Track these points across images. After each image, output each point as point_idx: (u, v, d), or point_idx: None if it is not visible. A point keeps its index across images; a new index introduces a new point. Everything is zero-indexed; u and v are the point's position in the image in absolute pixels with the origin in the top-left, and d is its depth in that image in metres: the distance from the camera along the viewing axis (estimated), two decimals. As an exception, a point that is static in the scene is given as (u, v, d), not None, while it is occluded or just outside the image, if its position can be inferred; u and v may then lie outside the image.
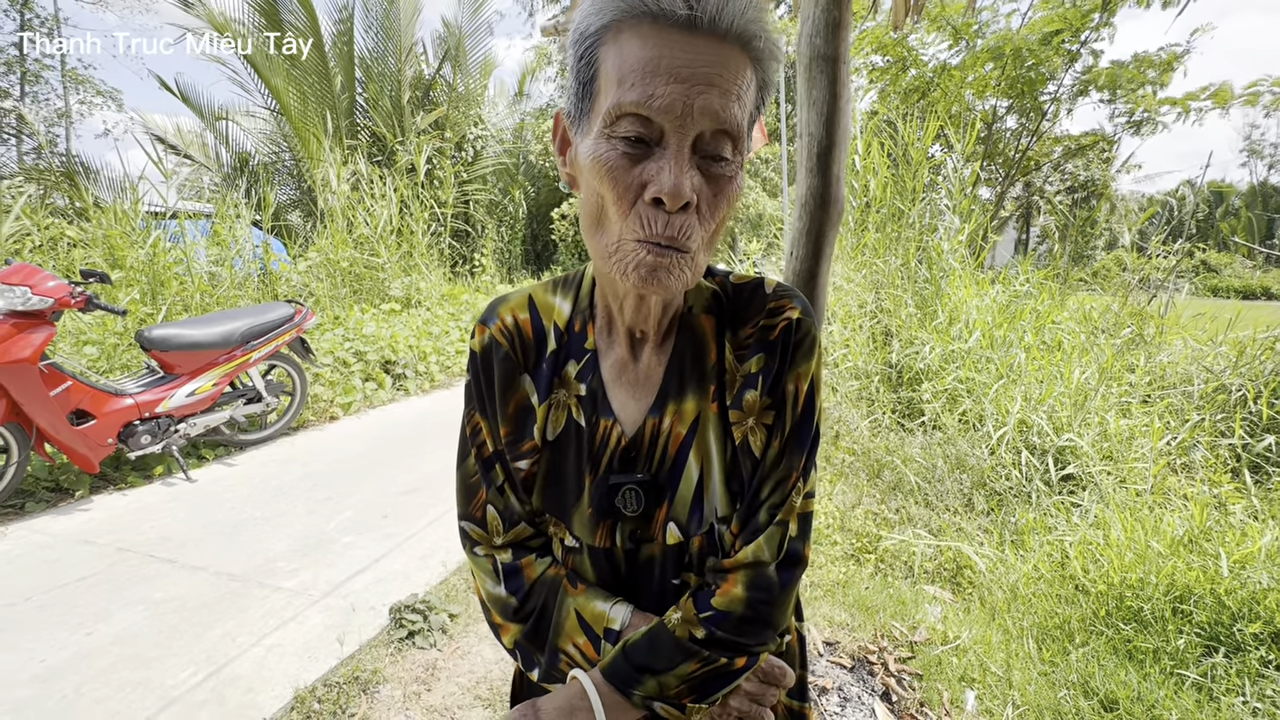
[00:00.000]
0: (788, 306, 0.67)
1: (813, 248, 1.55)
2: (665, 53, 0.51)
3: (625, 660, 0.62)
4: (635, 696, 0.61)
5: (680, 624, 0.63)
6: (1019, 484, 3.05)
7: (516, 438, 0.69)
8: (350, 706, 1.83)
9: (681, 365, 0.67)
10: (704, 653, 0.62)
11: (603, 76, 0.54)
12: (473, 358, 0.70)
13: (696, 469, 0.66)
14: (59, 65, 19.12)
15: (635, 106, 0.51)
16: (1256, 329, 3.82)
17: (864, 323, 4.70)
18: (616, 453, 0.66)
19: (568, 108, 0.60)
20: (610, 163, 0.53)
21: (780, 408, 0.66)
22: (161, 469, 3.57)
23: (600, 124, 0.54)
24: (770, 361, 0.66)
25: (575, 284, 0.72)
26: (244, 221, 6.39)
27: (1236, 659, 1.90)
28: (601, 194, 0.55)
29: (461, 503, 0.73)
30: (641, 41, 0.52)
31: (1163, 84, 10.31)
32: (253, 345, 3.78)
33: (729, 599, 0.63)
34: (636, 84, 0.51)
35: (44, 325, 2.93)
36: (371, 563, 2.64)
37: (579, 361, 0.69)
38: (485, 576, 0.71)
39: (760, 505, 0.66)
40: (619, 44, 0.53)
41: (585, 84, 0.56)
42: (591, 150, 0.55)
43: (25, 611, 2.25)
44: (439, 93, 11.57)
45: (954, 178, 5.15)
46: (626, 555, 0.68)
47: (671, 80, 0.51)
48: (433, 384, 5.91)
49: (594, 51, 0.55)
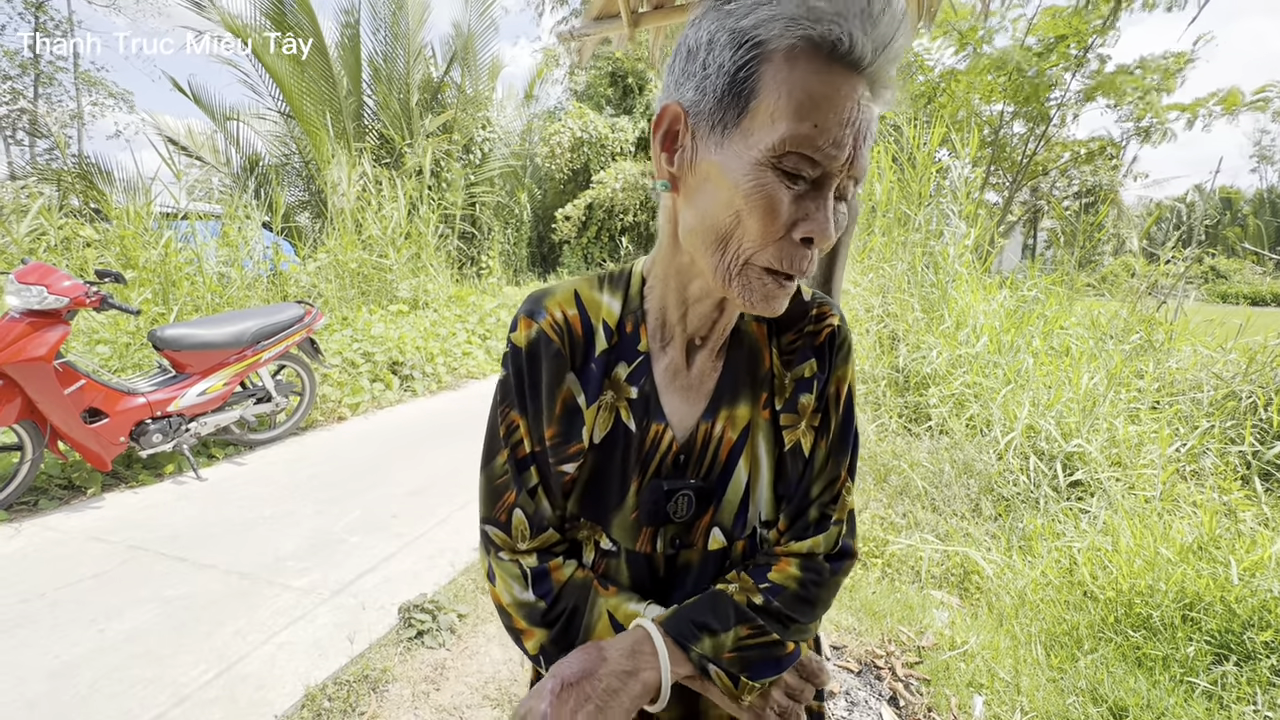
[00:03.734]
0: (829, 314, 0.70)
1: (828, 253, 1.56)
2: (841, 95, 0.50)
3: (685, 616, 0.63)
4: (693, 652, 0.62)
5: (739, 590, 0.65)
6: (1027, 489, 3.04)
7: (564, 440, 0.66)
8: (360, 705, 1.85)
9: (736, 372, 0.69)
10: (758, 620, 0.63)
11: (766, 96, 0.51)
12: (516, 353, 0.67)
13: (745, 474, 0.67)
14: (71, 67, 19.33)
15: (811, 150, 0.50)
16: (1267, 335, 3.79)
17: (871, 326, 4.70)
18: (667, 457, 0.66)
19: (696, 103, 0.55)
20: (773, 195, 0.52)
21: (826, 411, 0.69)
22: (172, 467, 3.60)
23: (764, 151, 0.51)
24: (821, 367, 0.69)
25: (624, 283, 0.70)
26: (254, 222, 6.44)
27: (1247, 667, 1.88)
28: (744, 217, 0.53)
29: (485, 505, 0.70)
30: (819, 76, 0.50)
31: (1168, 90, 10.28)
32: (263, 345, 3.82)
33: (785, 575, 0.66)
34: (820, 125, 0.50)
35: (59, 324, 2.97)
36: (380, 562, 2.65)
37: (630, 364, 0.68)
38: (511, 581, 0.68)
39: (810, 504, 0.68)
40: (794, 70, 0.50)
41: (740, 94, 0.52)
42: (748, 175, 0.52)
43: (39, 608, 2.27)
44: (447, 95, 11.64)
45: (960, 182, 5.15)
46: (665, 560, 0.68)
47: (848, 126, 0.50)
48: (440, 385, 5.93)
49: (759, 65, 0.51)
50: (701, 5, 0.56)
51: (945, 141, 5.90)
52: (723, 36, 0.52)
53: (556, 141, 13.26)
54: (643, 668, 0.60)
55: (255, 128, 9.92)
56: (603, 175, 13.11)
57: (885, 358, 4.41)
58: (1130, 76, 10.13)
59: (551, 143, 13.40)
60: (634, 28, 2.10)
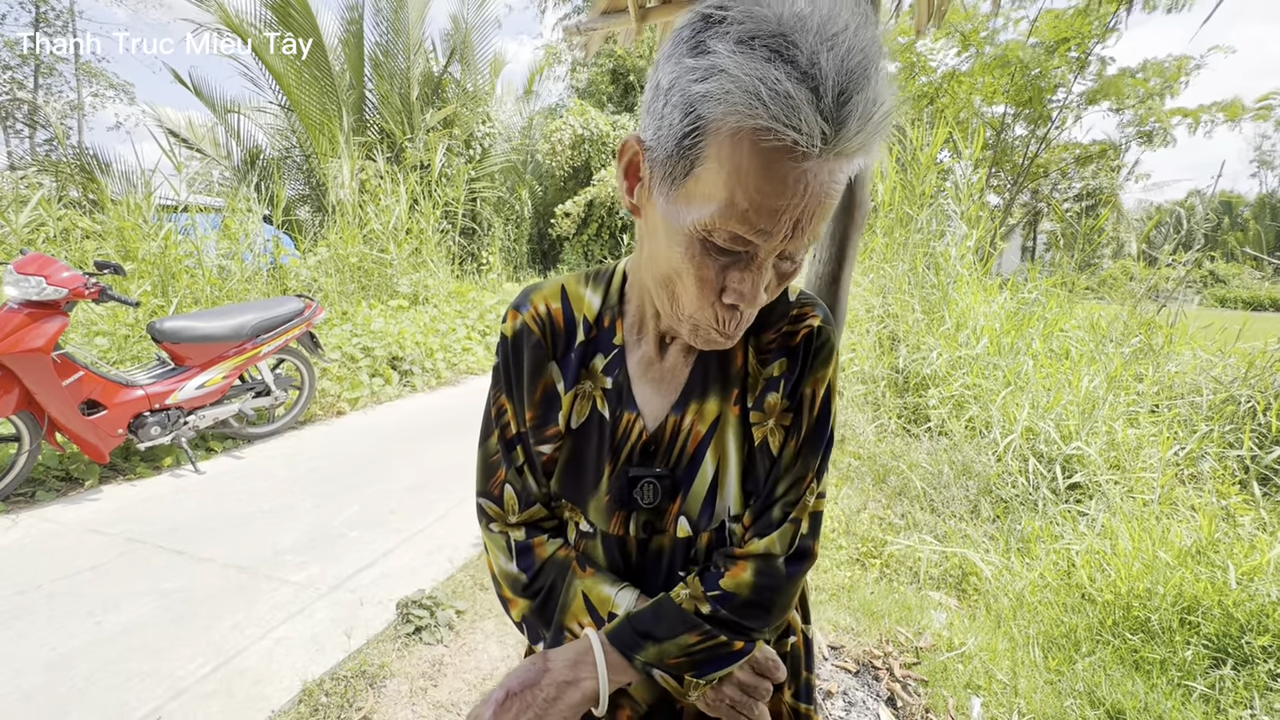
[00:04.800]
0: (810, 314, 0.70)
1: (836, 251, 1.56)
2: (785, 187, 0.47)
3: (629, 626, 0.66)
4: (636, 660, 0.65)
5: (687, 599, 0.67)
6: (1025, 492, 3.04)
7: (542, 422, 0.71)
8: (357, 700, 1.84)
9: (706, 367, 0.70)
10: (706, 626, 0.65)
11: (706, 168, 0.49)
12: (504, 341, 0.73)
13: (712, 467, 0.69)
14: (72, 58, 19.25)
15: (743, 231, 0.50)
16: (1267, 341, 3.80)
17: (871, 327, 4.70)
18: (637, 446, 0.69)
19: (653, 149, 0.53)
20: (700, 265, 0.54)
21: (799, 411, 0.69)
22: (170, 460, 3.60)
23: (696, 225, 0.51)
24: (792, 366, 0.69)
25: (606, 280, 0.74)
26: (255, 216, 6.42)
27: (1245, 671, 1.89)
28: (681, 278, 0.56)
29: (481, 480, 0.76)
30: (764, 166, 0.46)
31: (1173, 93, 10.29)
32: (263, 339, 3.80)
33: (737, 581, 0.67)
34: (755, 217, 0.48)
35: (58, 315, 2.95)
36: (378, 557, 2.65)
37: (606, 355, 0.71)
38: (499, 552, 0.75)
39: (774, 502, 0.69)
40: (738, 151, 0.47)
41: (686, 156, 0.50)
42: (684, 243, 0.53)
43: (36, 600, 2.26)
44: (449, 90, 11.62)
45: (962, 183, 5.15)
46: (638, 544, 0.71)
47: (783, 214, 0.48)
48: (439, 381, 5.92)
49: (704, 134, 0.48)
50: (671, 40, 0.52)
51: (948, 142, 5.90)
52: (675, 96, 0.49)
53: (558, 138, 13.25)
54: (583, 677, 0.64)
55: (256, 121, 9.90)
56: (604, 173, 13.09)
57: (885, 358, 4.41)
58: (1133, 79, 10.13)
59: (553, 139, 13.37)
60: (641, 22, 2.10)
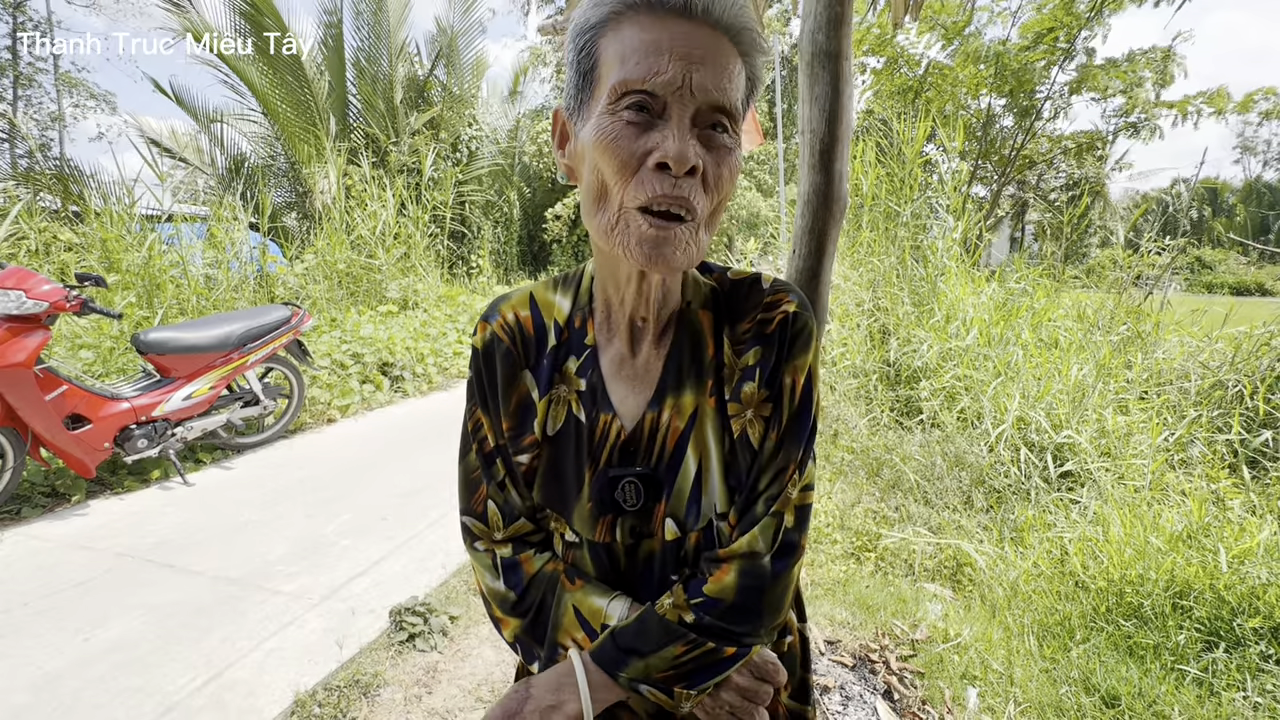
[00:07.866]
0: (784, 300, 0.68)
1: (815, 246, 1.55)
2: (664, 35, 0.54)
3: (613, 643, 0.64)
4: (621, 678, 0.63)
5: (670, 609, 0.64)
6: (1018, 481, 3.05)
7: (518, 432, 0.70)
8: (351, 710, 1.82)
9: (680, 359, 0.68)
10: (691, 636, 0.62)
11: (603, 64, 0.56)
12: (475, 354, 0.71)
13: (694, 463, 0.66)
14: (52, 68, 19.03)
15: (639, 83, 0.53)
16: (1252, 325, 3.83)
17: (861, 321, 4.71)
18: (616, 446, 0.67)
19: (567, 102, 0.62)
20: (614, 134, 0.54)
21: (778, 400, 0.67)
22: (158, 473, 3.56)
23: (604, 103, 0.56)
24: (768, 354, 0.66)
25: (575, 281, 0.73)
26: (240, 224, 6.36)
27: (1237, 654, 1.90)
28: (603, 169, 0.56)
29: (463, 498, 0.74)
30: (641, 28, 0.55)
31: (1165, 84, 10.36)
32: (249, 348, 3.77)
33: (720, 586, 0.64)
34: (640, 61, 0.54)
35: (39, 329, 2.91)
36: (371, 565, 2.63)
37: (579, 357, 0.70)
38: (485, 571, 0.73)
39: (758, 496, 0.66)
40: (619, 33, 0.56)
41: (585, 74, 0.58)
42: (594, 128, 0.56)
43: (22, 618, 2.23)
44: (433, 93, 11.56)
45: (947, 175, 5.17)
46: (626, 550, 0.68)
47: (673, 57, 0.53)
48: (430, 385, 5.89)
49: (594, 43, 0.57)
50: None
51: (933, 136, 5.93)
52: (570, 47, 0.59)
53: (545, 140, 13.21)
54: (566, 700, 0.62)
55: (240, 129, 9.80)
56: (592, 173, 13.04)
57: (876, 352, 4.42)
58: (1116, 69, 10.19)
59: (539, 141, 13.33)
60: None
